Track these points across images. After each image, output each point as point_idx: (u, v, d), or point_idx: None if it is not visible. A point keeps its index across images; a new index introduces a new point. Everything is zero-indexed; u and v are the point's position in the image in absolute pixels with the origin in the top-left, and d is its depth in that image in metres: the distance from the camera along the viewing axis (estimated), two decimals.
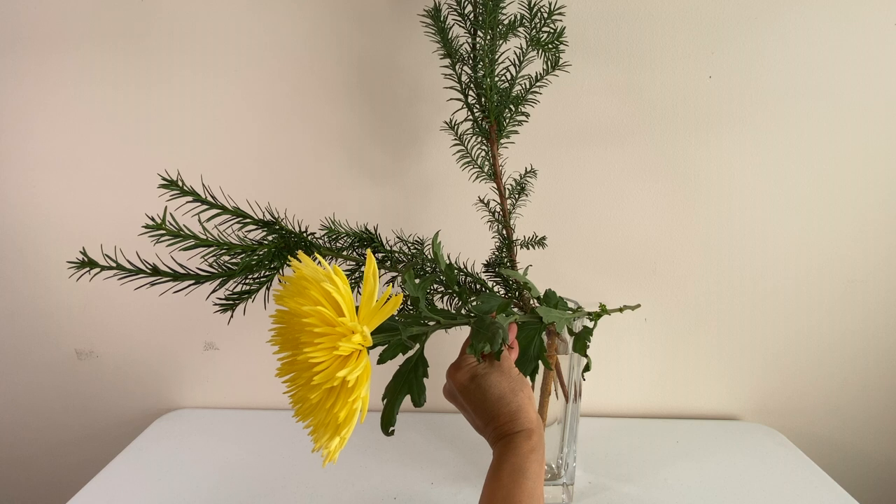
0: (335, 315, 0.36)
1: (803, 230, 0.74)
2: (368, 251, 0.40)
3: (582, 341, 0.51)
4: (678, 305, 0.78)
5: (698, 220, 0.74)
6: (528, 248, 0.62)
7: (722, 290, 0.77)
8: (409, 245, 0.60)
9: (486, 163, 0.58)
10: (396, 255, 0.58)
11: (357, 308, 0.39)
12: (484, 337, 0.43)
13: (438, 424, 0.80)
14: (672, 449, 0.75)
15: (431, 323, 0.46)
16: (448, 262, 0.52)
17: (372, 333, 0.40)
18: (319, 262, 0.39)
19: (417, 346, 0.45)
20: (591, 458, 0.72)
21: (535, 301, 0.56)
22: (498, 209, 0.60)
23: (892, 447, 0.85)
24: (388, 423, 0.44)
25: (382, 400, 0.45)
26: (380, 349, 0.44)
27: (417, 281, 0.51)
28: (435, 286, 0.58)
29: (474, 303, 0.51)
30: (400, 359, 0.46)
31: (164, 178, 0.44)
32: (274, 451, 0.75)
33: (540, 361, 0.50)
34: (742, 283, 0.77)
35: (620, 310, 0.56)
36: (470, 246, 0.69)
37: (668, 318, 0.79)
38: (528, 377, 0.49)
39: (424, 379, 0.44)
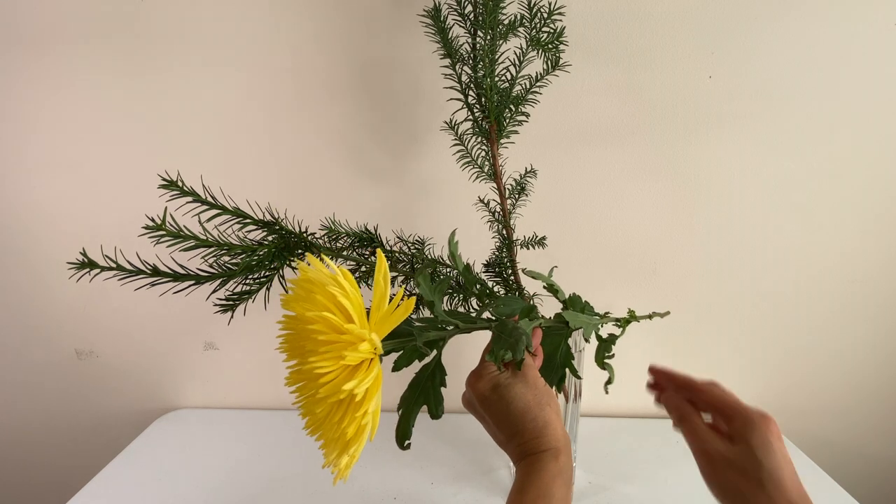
0: (343, 321, 0.34)
1: (803, 230, 0.74)
2: (378, 251, 0.37)
3: (601, 352, 0.47)
4: (678, 305, 0.78)
5: (698, 220, 0.74)
6: (528, 248, 0.62)
7: (722, 290, 0.77)
8: (409, 245, 0.60)
9: (486, 163, 0.58)
10: (397, 255, 0.58)
11: (368, 312, 0.36)
12: (506, 344, 0.40)
13: (438, 424, 0.79)
14: (672, 449, 0.74)
15: (450, 327, 0.43)
16: (466, 263, 0.49)
17: (384, 339, 0.36)
18: (326, 263, 0.37)
19: (434, 352, 0.42)
20: (591, 458, 0.72)
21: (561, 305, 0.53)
22: (498, 209, 0.60)
23: (893, 448, 0.85)
24: (403, 437, 0.40)
25: (398, 411, 0.42)
26: (395, 355, 0.41)
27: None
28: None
29: (495, 305, 0.47)
30: (416, 366, 0.42)
31: (164, 179, 0.44)
32: (274, 451, 0.75)
33: (567, 370, 0.46)
34: (742, 283, 0.77)
35: (650, 316, 0.54)
36: (470, 246, 0.69)
37: (669, 317, 0.79)
38: (555, 387, 0.45)
39: (442, 388, 0.41)
